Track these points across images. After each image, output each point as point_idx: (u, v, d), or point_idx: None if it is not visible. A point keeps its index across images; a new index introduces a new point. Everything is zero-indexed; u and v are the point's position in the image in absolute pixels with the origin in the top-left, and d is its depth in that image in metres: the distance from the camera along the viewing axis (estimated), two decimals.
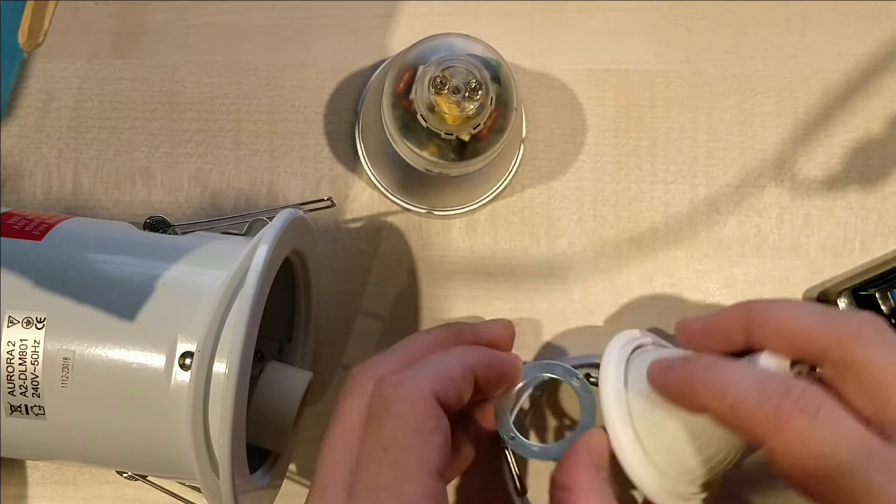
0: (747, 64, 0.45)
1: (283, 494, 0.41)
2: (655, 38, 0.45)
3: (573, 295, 0.44)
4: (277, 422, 0.38)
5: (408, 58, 0.39)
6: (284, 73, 0.45)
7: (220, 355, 0.33)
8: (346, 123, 0.45)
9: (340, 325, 0.44)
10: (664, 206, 0.45)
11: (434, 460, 0.32)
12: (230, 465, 0.32)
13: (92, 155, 0.45)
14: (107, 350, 0.34)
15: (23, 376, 0.34)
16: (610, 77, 0.45)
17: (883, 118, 0.45)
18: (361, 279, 0.44)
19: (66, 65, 0.45)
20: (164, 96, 0.45)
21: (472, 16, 0.45)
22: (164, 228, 0.40)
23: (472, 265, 0.44)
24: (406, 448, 0.32)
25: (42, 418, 0.34)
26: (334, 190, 0.45)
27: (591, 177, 0.45)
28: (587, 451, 0.35)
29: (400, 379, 0.33)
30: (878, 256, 0.44)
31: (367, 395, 0.34)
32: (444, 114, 0.38)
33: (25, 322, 0.34)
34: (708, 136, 0.45)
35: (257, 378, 0.38)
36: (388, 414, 0.33)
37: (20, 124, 0.45)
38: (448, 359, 0.35)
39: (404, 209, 0.44)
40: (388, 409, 0.33)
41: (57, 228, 0.37)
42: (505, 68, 0.39)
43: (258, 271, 0.33)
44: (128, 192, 0.45)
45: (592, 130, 0.45)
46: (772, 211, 0.45)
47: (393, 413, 0.32)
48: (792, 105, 0.45)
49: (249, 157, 0.45)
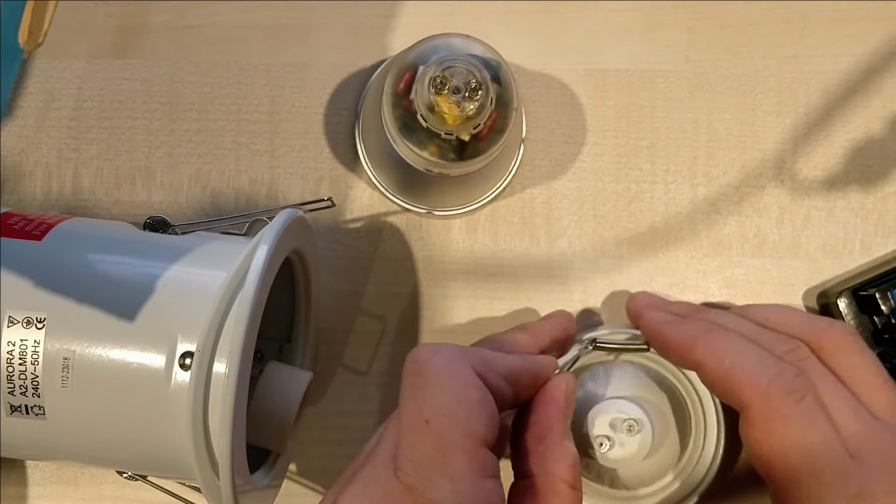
0: (747, 64, 0.45)
1: (283, 494, 0.41)
2: (655, 38, 0.45)
3: (573, 295, 0.44)
4: (277, 422, 0.38)
5: (408, 58, 0.39)
6: (284, 73, 0.45)
7: (220, 355, 0.33)
8: (346, 123, 0.45)
9: (340, 325, 0.44)
10: (664, 206, 0.45)
11: (481, 432, 0.31)
12: (230, 465, 0.32)
13: (92, 155, 0.45)
14: (107, 350, 0.34)
15: (23, 376, 0.34)
16: (610, 77, 0.45)
17: (883, 118, 0.45)
18: (361, 279, 0.44)
19: (66, 65, 0.45)
20: (164, 96, 0.45)
21: (472, 16, 0.45)
22: (164, 228, 0.40)
23: (472, 265, 0.44)
24: (448, 419, 0.31)
25: (42, 418, 0.34)
26: (334, 190, 0.45)
27: (591, 177, 0.45)
28: (562, 397, 0.35)
29: (433, 349, 0.32)
30: (878, 256, 0.44)
31: None
32: (444, 114, 0.38)
33: (25, 322, 0.34)
34: (708, 136, 0.45)
35: (257, 378, 0.38)
36: (421, 382, 0.31)
37: (20, 124, 0.45)
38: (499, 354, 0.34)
39: (404, 209, 0.44)
40: (422, 376, 0.32)
41: (57, 228, 0.37)
42: (505, 68, 0.39)
43: (258, 271, 0.33)
44: (128, 192, 0.45)
45: (592, 130, 0.45)
46: (772, 211, 0.45)
47: (427, 382, 0.31)
48: (792, 105, 0.45)
49: (249, 157, 0.45)
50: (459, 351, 0.33)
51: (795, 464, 0.34)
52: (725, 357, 0.35)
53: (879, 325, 0.42)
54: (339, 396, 0.44)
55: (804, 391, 0.34)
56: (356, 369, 0.44)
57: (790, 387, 0.34)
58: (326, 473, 0.44)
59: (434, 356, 0.32)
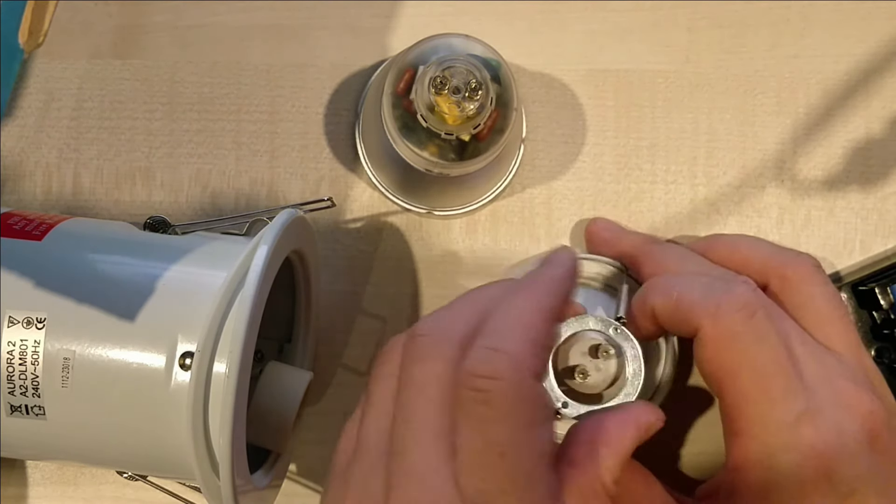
0: (747, 64, 0.45)
1: (284, 494, 0.41)
2: (655, 38, 0.45)
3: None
4: (277, 422, 0.38)
5: (408, 58, 0.39)
6: (284, 73, 0.45)
7: (221, 355, 0.33)
8: (346, 123, 0.45)
9: (340, 325, 0.44)
10: (664, 206, 0.45)
11: (549, 451, 0.30)
12: (230, 465, 0.32)
13: (92, 155, 0.45)
14: (107, 350, 0.34)
15: (23, 376, 0.34)
16: (610, 77, 0.45)
17: (883, 118, 0.45)
18: (361, 279, 0.44)
19: (66, 65, 0.45)
20: (164, 96, 0.45)
21: (472, 16, 0.45)
22: (164, 228, 0.40)
23: (473, 265, 0.44)
24: (523, 449, 0.29)
25: (42, 418, 0.34)
26: (334, 190, 0.45)
27: (591, 177, 0.45)
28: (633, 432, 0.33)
29: (495, 370, 0.29)
30: (877, 253, 0.44)
31: (449, 360, 0.30)
32: (444, 114, 0.38)
33: (25, 322, 0.34)
34: (708, 136, 0.45)
35: (257, 378, 0.38)
36: (491, 413, 0.28)
37: (20, 124, 0.45)
38: (529, 310, 0.31)
39: (404, 209, 0.44)
40: (491, 406, 0.28)
41: (57, 229, 0.37)
42: (505, 68, 0.39)
43: (258, 271, 0.33)
44: (128, 192, 0.45)
45: (592, 130, 0.45)
46: (772, 211, 0.45)
47: (498, 412, 0.28)
48: (792, 105, 0.45)
49: (249, 157, 0.45)
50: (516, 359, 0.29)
51: (745, 381, 0.34)
52: (672, 291, 0.36)
53: (878, 320, 0.42)
54: (339, 396, 0.44)
55: (754, 307, 0.35)
56: (356, 369, 0.44)
57: (740, 302, 0.35)
58: (327, 474, 0.44)
59: (496, 384, 0.29)
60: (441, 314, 0.32)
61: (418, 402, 0.29)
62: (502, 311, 0.31)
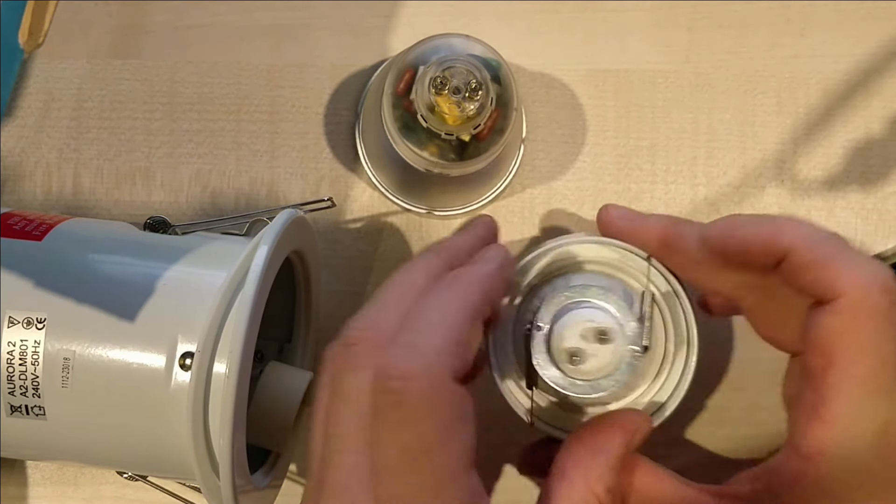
0: (747, 64, 0.45)
1: (283, 494, 0.41)
2: (655, 38, 0.45)
3: None
4: (278, 422, 0.38)
5: (408, 58, 0.39)
6: (284, 73, 0.45)
7: (221, 355, 0.33)
8: (346, 123, 0.45)
9: (340, 325, 0.44)
10: (664, 206, 0.45)
11: (469, 453, 0.29)
12: (230, 465, 0.32)
13: (92, 155, 0.45)
14: (107, 350, 0.34)
15: (23, 376, 0.34)
16: (610, 77, 0.45)
17: (883, 118, 0.45)
18: (361, 279, 0.44)
19: (66, 65, 0.45)
20: (164, 96, 0.45)
21: (472, 16, 0.45)
22: (164, 229, 0.40)
23: None
24: (438, 450, 0.28)
25: (42, 418, 0.34)
26: (334, 190, 0.45)
27: (591, 177, 0.45)
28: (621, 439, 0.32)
29: (408, 370, 0.28)
30: (878, 253, 0.44)
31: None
32: (444, 114, 0.38)
33: (25, 322, 0.34)
34: (708, 136, 0.45)
35: (257, 378, 0.38)
36: (404, 416, 0.28)
37: (20, 124, 0.45)
38: (452, 309, 0.30)
39: (404, 209, 0.44)
40: (404, 408, 0.28)
41: (57, 229, 0.37)
42: (505, 68, 0.39)
43: (258, 272, 0.33)
44: (128, 192, 0.45)
45: (592, 130, 0.45)
46: (772, 211, 0.45)
47: (411, 415, 0.28)
48: (792, 105, 0.45)
49: (249, 157, 0.45)
50: (432, 359, 0.29)
51: (864, 367, 0.30)
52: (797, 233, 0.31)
53: None
54: None
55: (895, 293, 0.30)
56: None
57: (888, 283, 0.30)
58: None
59: (408, 384, 0.28)
60: (370, 316, 0.32)
61: (344, 413, 0.30)
62: (425, 309, 0.30)
